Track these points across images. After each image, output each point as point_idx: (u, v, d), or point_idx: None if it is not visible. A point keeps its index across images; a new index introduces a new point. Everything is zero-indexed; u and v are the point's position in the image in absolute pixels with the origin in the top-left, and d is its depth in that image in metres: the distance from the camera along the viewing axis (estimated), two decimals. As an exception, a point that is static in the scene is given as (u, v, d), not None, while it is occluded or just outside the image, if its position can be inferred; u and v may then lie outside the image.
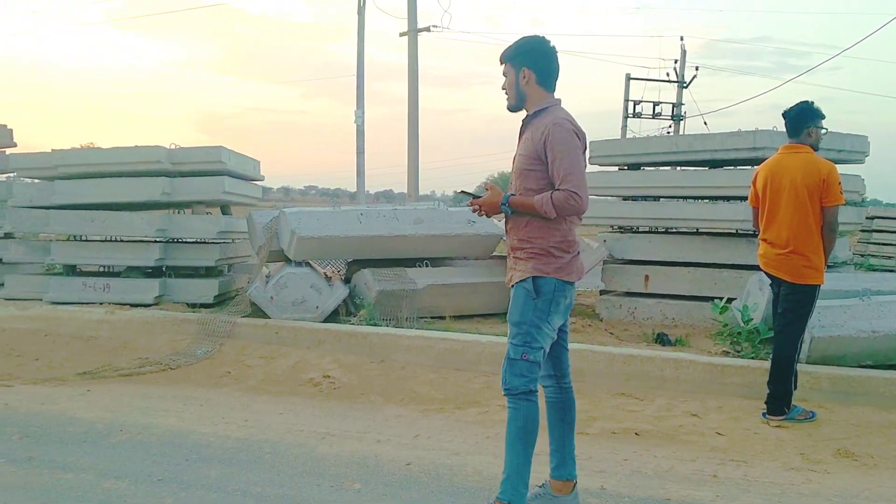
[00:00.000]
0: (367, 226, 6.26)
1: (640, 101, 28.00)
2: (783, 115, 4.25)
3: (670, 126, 28.05)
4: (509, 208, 2.85)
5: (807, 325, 4.26)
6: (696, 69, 28.44)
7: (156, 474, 3.35)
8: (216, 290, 6.84)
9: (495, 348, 5.04)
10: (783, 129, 4.30)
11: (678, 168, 7.34)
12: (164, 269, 7.06)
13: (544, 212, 2.72)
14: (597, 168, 7.34)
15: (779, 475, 3.48)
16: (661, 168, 7.34)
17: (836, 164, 4.19)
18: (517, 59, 2.87)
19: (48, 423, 4.08)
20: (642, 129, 31.44)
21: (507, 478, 2.76)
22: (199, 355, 5.55)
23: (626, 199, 7.16)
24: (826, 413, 4.26)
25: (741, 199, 5.86)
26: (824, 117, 4.20)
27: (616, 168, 7.26)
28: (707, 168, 6.95)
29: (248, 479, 3.31)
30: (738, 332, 5.14)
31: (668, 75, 28.27)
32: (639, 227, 7.35)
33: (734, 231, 6.78)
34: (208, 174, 6.84)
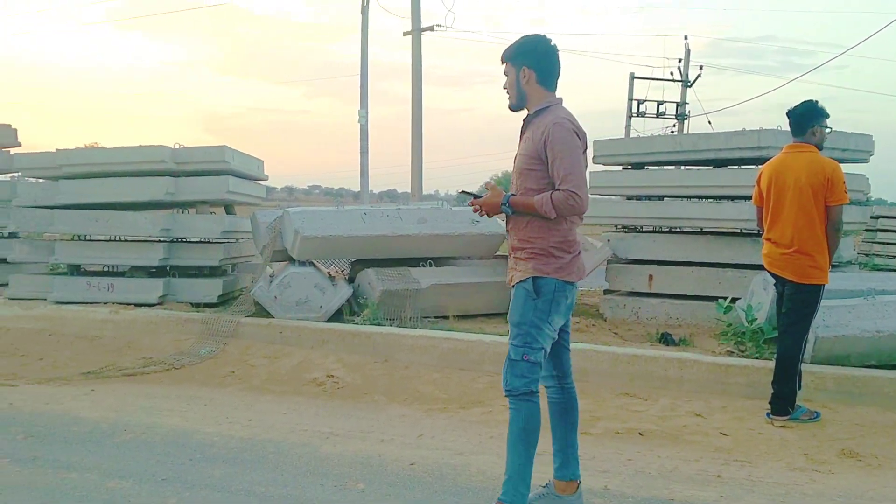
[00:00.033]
0: (371, 225, 6.27)
1: (644, 101, 27.89)
2: (787, 114, 4.24)
3: (674, 125, 27.96)
4: (510, 208, 2.84)
5: (811, 325, 4.25)
6: (701, 68, 28.33)
7: (160, 474, 3.35)
8: (220, 289, 6.85)
9: (499, 348, 5.03)
10: (787, 129, 4.29)
11: (682, 167, 7.31)
12: (168, 268, 7.08)
13: (544, 212, 2.71)
14: (601, 167, 7.33)
15: (783, 475, 3.47)
16: (665, 167, 7.31)
17: (840, 164, 4.18)
18: (517, 59, 2.87)
19: (52, 423, 4.09)
20: (646, 128, 31.32)
21: (508, 479, 2.76)
22: (202, 355, 5.56)
23: (629, 198, 7.15)
24: (830, 413, 4.25)
25: (745, 198, 5.85)
26: (829, 116, 4.19)
27: (620, 167, 7.25)
28: (711, 167, 6.93)
29: (252, 478, 3.31)
30: (743, 332, 5.13)
31: (672, 74, 28.18)
32: (643, 227, 7.34)
33: (738, 230, 6.76)
34: (212, 174, 6.85)
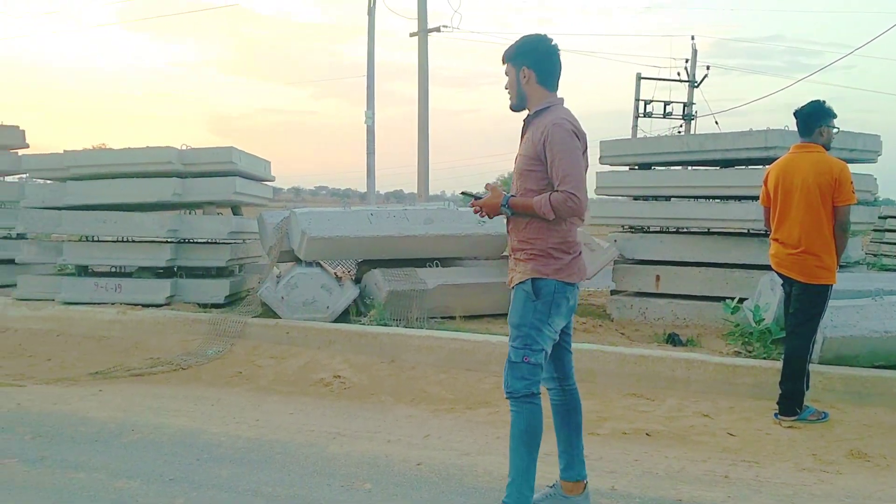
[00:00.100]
0: (378, 226, 6.27)
1: (651, 101, 27.85)
2: (795, 114, 4.23)
3: (681, 125, 27.90)
4: (509, 209, 2.82)
5: (819, 326, 4.24)
6: (708, 68, 28.28)
7: (167, 474, 3.36)
8: (227, 290, 6.87)
9: (505, 349, 4.92)
10: (795, 129, 4.28)
11: (689, 168, 7.30)
12: (175, 269, 7.10)
13: (542, 213, 2.69)
14: (607, 168, 7.32)
15: (791, 476, 3.46)
16: (672, 168, 7.30)
17: (848, 164, 4.17)
18: (517, 59, 2.85)
19: (60, 423, 4.11)
20: (653, 128, 31.28)
21: (511, 481, 2.75)
22: (210, 355, 5.58)
23: (636, 198, 7.13)
24: (838, 413, 4.23)
25: (752, 198, 5.83)
26: (836, 116, 4.18)
27: (627, 168, 7.24)
28: (718, 168, 6.91)
29: (259, 478, 3.32)
30: (750, 333, 5.11)
31: (678, 75, 28.12)
32: (650, 227, 7.32)
33: (746, 231, 6.74)
34: (219, 175, 6.87)
